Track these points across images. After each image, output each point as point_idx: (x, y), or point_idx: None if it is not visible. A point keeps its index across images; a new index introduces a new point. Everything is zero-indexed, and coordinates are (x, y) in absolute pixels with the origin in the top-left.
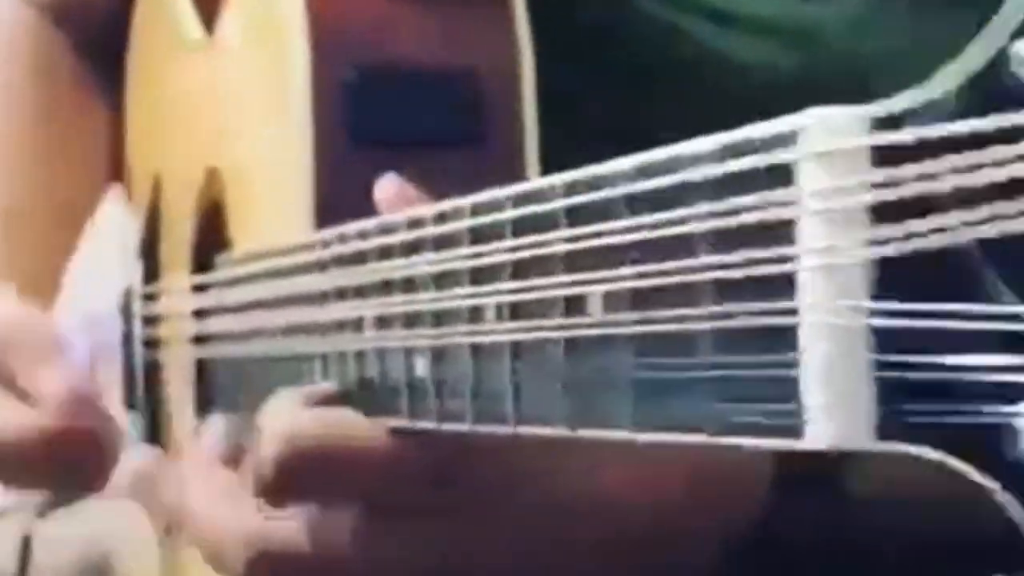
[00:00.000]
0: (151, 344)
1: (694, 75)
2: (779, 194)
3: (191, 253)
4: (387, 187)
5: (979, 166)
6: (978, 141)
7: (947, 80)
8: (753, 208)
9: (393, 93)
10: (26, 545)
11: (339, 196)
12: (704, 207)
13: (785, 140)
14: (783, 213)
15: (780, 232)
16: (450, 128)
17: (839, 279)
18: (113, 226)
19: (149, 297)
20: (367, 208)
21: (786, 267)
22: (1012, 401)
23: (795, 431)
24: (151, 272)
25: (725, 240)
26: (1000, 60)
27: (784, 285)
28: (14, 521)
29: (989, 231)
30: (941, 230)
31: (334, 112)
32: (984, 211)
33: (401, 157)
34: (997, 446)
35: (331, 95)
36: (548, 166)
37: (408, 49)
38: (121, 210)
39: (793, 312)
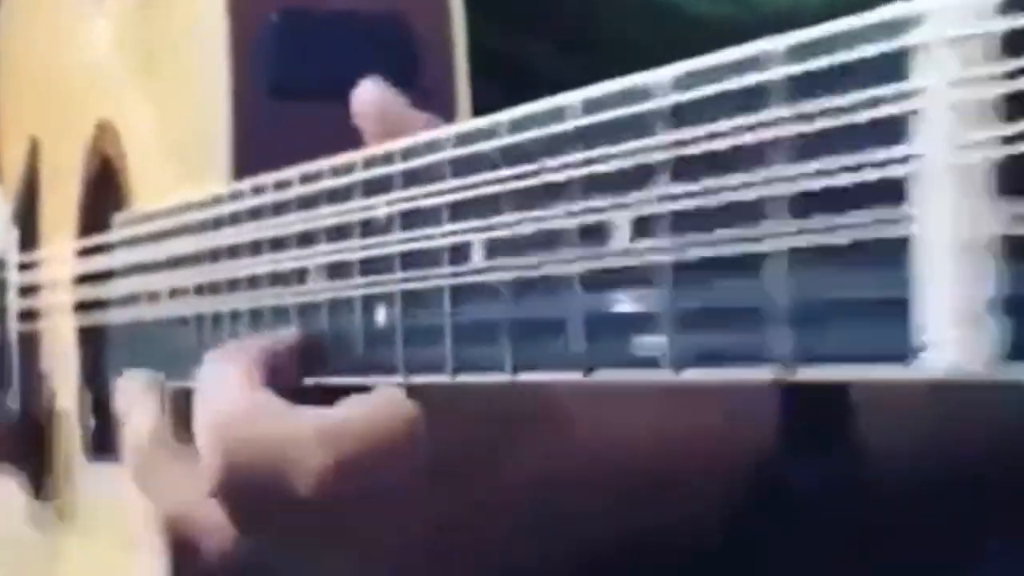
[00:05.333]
0: (29, 316)
1: (643, 26)
2: (892, 88)
3: (79, 214)
4: (369, 93)
5: None
6: None
7: None
8: (862, 104)
9: (318, 38)
10: None
11: (259, 148)
12: (804, 104)
13: (899, 27)
14: (897, 108)
15: (892, 130)
16: (380, 76)
17: (962, 181)
18: None
19: (27, 266)
20: (289, 160)
21: (900, 169)
22: None
23: (907, 358)
24: (29, 240)
25: (825, 142)
26: None
27: (897, 191)
28: None
29: None
30: None
31: (254, 59)
32: None
33: (326, 107)
34: None
35: (250, 40)
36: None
37: None
38: None
39: (907, 222)
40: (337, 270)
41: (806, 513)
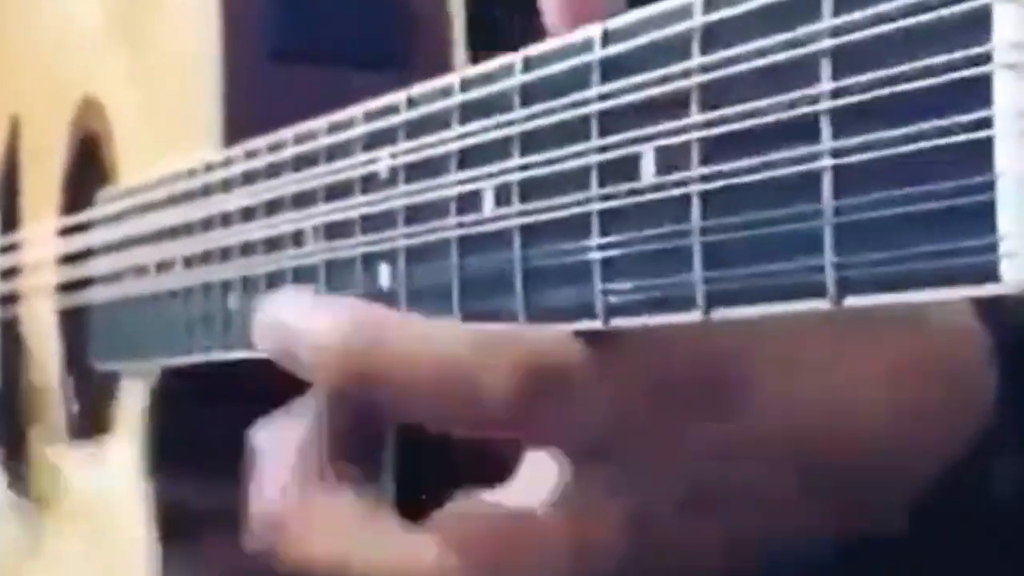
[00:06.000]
0: (11, 299)
1: None
2: None
3: (62, 193)
4: None
5: None
6: None
7: None
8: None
9: (317, 2)
10: None
11: (253, 114)
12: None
13: None
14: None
15: (971, 25)
16: (377, 47)
17: None
18: None
19: (7, 248)
20: (285, 125)
21: (978, 69)
22: None
23: (990, 271)
24: (10, 221)
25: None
26: None
27: (975, 90)
28: None
29: None
30: None
31: (251, 21)
32: None
33: (321, 74)
34: None
35: (243, 3)
36: None
37: None
38: None
39: (987, 124)
40: (337, 230)
41: (1000, 522)
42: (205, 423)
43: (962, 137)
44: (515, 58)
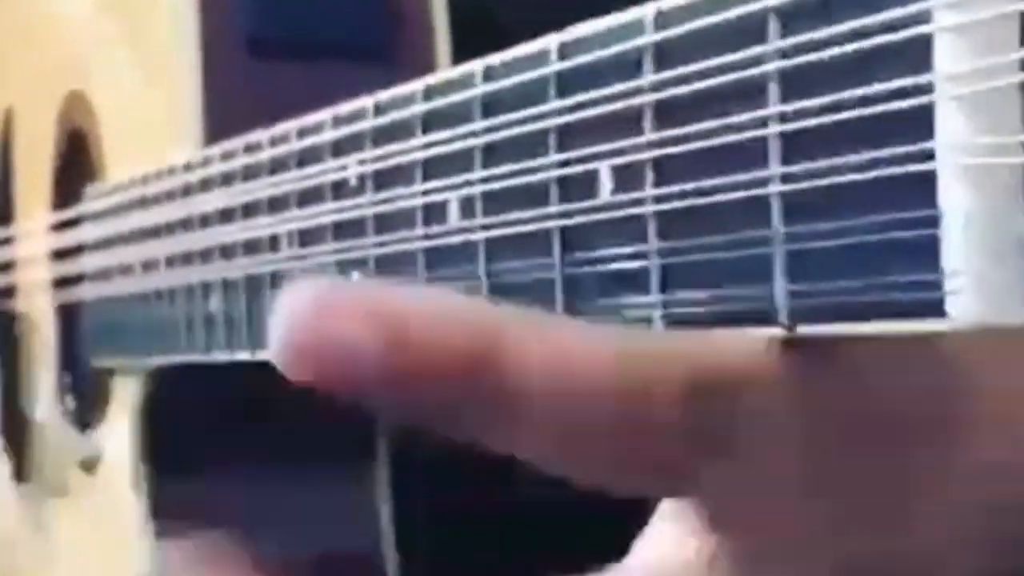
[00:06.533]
0: (6, 294)
1: None
2: (904, 11)
3: (52, 187)
4: None
5: None
6: None
7: None
8: (868, 32)
9: None
10: None
11: (233, 110)
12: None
13: None
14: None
15: (913, 55)
16: (358, 37)
17: (986, 109)
18: None
19: (2, 242)
20: (266, 121)
21: (921, 99)
22: None
23: (936, 306)
24: (3, 215)
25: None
26: None
27: (918, 122)
28: None
29: None
30: None
31: (229, 11)
32: None
33: (303, 67)
34: None
35: None
36: None
37: None
38: None
39: (929, 157)
40: (309, 236)
41: None
42: (197, 418)
43: (906, 168)
44: (475, 67)
